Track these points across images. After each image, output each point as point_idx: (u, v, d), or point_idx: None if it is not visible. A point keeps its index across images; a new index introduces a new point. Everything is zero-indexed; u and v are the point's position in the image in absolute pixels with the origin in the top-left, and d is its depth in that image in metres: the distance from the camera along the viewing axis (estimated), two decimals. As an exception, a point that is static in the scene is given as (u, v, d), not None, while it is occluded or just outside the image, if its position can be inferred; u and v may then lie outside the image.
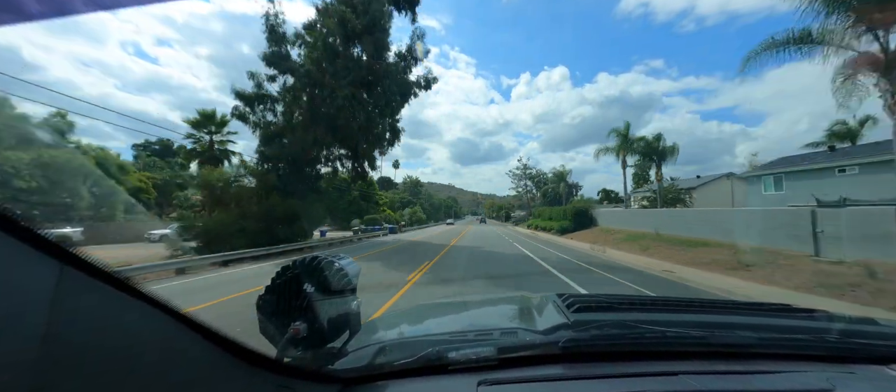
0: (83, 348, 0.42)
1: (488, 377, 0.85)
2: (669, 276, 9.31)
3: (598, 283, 8.51)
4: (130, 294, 0.50)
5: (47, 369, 0.38)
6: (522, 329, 1.06)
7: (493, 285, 8.24)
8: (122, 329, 0.48)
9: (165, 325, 0.54)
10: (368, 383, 0.89)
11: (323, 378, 0.88)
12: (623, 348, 0.93)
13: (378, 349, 0.96)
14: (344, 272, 1.06)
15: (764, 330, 1.02)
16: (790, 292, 7.15)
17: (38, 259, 0.41)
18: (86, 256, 0.45)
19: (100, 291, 0.46)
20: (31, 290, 0.40)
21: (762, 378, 0.85)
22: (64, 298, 0.41)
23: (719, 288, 7.61)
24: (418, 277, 9.32)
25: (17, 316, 0.37)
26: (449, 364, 0.90)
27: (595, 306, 1.14)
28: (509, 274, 9.95)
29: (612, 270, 10.24)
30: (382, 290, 7.58)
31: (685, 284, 8.41)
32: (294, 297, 0.96)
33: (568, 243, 20.53)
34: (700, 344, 0.94)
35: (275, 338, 0.94)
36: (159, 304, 0.53)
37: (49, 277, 0.41)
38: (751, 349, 0.94)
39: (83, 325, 0.43)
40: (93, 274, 0.46)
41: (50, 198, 17.36)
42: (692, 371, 0.86)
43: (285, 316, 0.95)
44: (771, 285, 7.88)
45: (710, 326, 1.01)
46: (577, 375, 0.87)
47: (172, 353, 0.54)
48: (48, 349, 0.38)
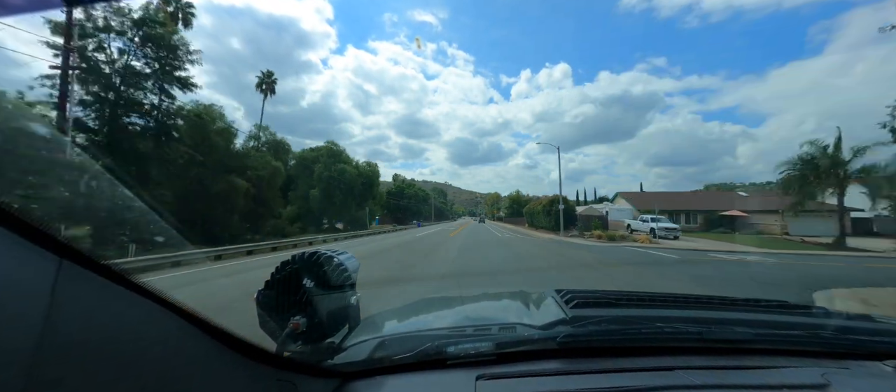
0: (82, 343, 0.42)
1: (486, 372, 0.86)
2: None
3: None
4: (129, 288, 0.50)
5: (46, 364, 0.38)
6: (520, 324, 1.07)
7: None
8: (122, 323, 0.48)
9: (165, 319, 0.54)
10: (368, 377, 0.89)
11: (322, 372, 0.88)
12: (620, 344, 0.94)
13: (377, 344, 0.97)
14: (343, 267, 1.06)
15: (760, 326, 1.03)
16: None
17: (37, 253, 0.41)
18: (84, 250, 0.45)
19: (99, 285, 0.46)
20: (29, 284, 0.40)
21: (758, 373, 0.86)
22: (62, 293, 0.41)
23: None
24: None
25: (15, 310, 0.37)
26: (447, 359, 0.91)
27: (593, 302, 1.15)
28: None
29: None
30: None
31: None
32: (293, 291, 0.97)
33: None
34: (696, 339, 0.95)
35: (275, 332, 0.95)
36: (159, 299, 0.53)
37: (47, 272, 0.41)
38: (747, 345, 0.95)
39: (82, 320, 0.43)
40: (91, 268, 0.46)
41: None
42: (689, 366, 0.87)
43: (285, 310, 0.96)
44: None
45: (707, 322, 1.02)
46: (574, 370, 0.88)
47: (172, 346, 0.54)
48: (47, 344, 0.38)
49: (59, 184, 4.93)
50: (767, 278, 9.05)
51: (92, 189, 5.56)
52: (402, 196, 79.43)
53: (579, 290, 1.23)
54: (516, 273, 9.61)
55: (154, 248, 10.94)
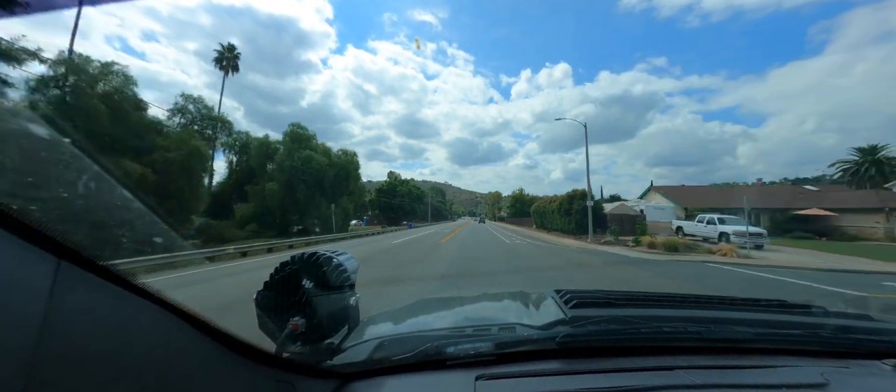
0: (81, 344, 0.42)
1: (486, 372, 0.86)
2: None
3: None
4: (129, 289, 0.50)
5: (45, 365, 0.38)
6: (520, 324, 1.07)
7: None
8: (121, 324, 0.48)
9: (164, 320, 0.54)
10: (367, 378, 0.89)
11: (322, 373, 0.88)
12: (620, 343, 0.94)
13: (376, 344, 0.96)
14: (342, 268, 1.06)
15: (760, 325, 1.03)
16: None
17: (35, 254, 0.41)
18: (83, 251, 0.45)
19: (98, 286, 0.46)
20: (27, 285, 0.39)
21: (758, 373, 0.86)
22: (61, 294, 0.41)
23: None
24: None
25: (13, 311, 0.37)
26: (447, 359, 0.91)
27: (592, 302, 1.15)
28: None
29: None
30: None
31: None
32: (293, 292, 0.97)
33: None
34: (696, 339, 0.95)
35: (274, 333, 0.95)
36: (158, 300, 0.53)
37: (46, 273, 0.41)
38: (747, 344, 0.95)
39: (81, 321, 0.43)
40: (90, 269, 0.46)
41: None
42: (688, 366, 0.87)
43: (284, 311, 0.95)
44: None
45: (706, 322, 1.02)
46: (573, 370, 0.88)
47: (171, 347, 0.54)
48: (45, 345, 0.38)
49: (57, 184, 4.82)
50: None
51: (90, 190, 5.51)
52: (394, 194, 71.42)
53: (578, 289, 1.23)
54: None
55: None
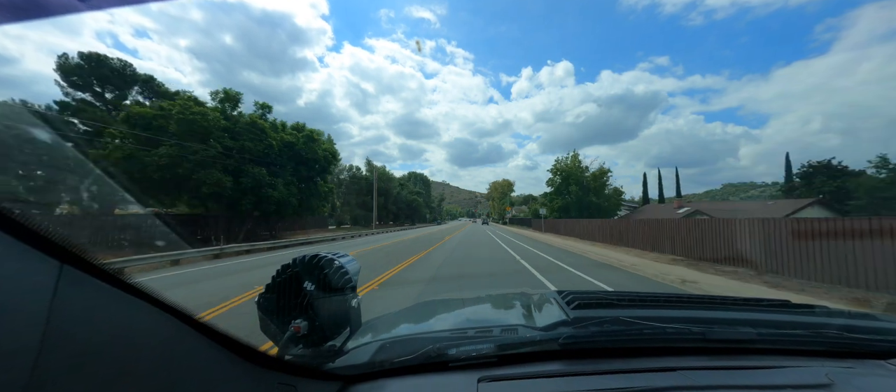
0: (84, 346, 0.42)
1: (488, 374, 0.86)
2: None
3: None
4: (131, 292, 0.50)
5: (47, 367, 0.38)
6: (522, 326, 1.07)
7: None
8: (123, 327, 0.48)
9: (166, 323, 0.54)
10: (369, 381, 0.89)
11: (324, 376, 0.88)
12: (622, 345, 0.94)
13: (378, 347, 0.96)
14: (344, 270, 1.06)
15: (763, 325, 1.02)
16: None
17: (38, 258, 0.41)
18: (86, 255, 0.45)
19: (100, 289, 0.46)
20: (30, 288, 0.40)
21: (761, 373, 0.86)
22: (64, 296, 0.41)
23: None
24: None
25: (16, 314, 0.37)
26: (449, 361, 0.90)
27: (594, 303, 1.14)
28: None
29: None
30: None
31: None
32: (294, 294, 0.97)
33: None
34: (699, 340, 0.94)
35: (276, 336, 0.95)
36: (160, 302, 0.53)
37: (49, 276, 0.41)
38: (750, 345, 0.95)
39: (83, 323, 0.43)
40: (92, 272, 0.46)
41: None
42: (691, 367, 0.87)
43: (286, 314, 0.95)
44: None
45: (709, 322, 1.01)
46: (576, 372, 0.87)
47: (173, 350, 0.54)
48: (48, 347, 0.38)
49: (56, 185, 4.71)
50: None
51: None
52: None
53: (581, 291, 1.22)
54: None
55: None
